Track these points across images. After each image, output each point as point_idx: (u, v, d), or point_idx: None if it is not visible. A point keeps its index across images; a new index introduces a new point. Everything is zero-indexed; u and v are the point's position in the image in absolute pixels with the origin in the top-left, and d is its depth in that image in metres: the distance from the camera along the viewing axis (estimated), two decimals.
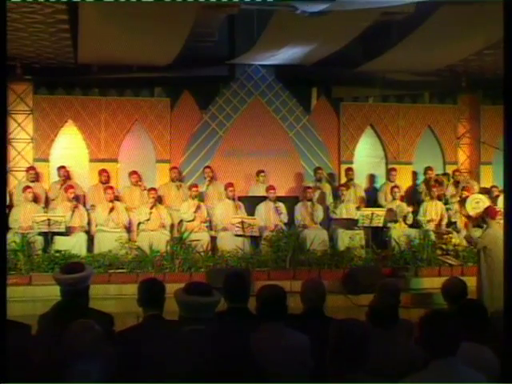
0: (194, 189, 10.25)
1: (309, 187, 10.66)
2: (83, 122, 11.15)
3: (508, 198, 2.59)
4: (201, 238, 9.64)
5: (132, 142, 11.37)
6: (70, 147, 11.22)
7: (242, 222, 9.62)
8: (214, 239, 9.91)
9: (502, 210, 9.48)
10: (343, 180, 11.48)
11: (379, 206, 10.90)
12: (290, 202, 10.53)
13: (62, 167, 10.66)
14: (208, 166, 10.98)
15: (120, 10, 7.83)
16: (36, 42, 9.41)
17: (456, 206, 10.83)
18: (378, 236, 10.32)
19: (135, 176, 10.69)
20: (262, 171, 11.01)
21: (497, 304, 6.45)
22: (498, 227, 8.36)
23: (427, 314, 2.91)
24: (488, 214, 8.28)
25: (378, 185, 11.88)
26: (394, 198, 10.80)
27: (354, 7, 7.70)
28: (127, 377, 2.96)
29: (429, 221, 10.49)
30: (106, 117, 11.23)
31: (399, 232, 10.18)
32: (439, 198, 10.88)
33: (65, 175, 10.57)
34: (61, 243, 9.31)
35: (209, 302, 3.02)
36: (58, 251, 9.09)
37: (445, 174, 11.99)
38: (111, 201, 9.93)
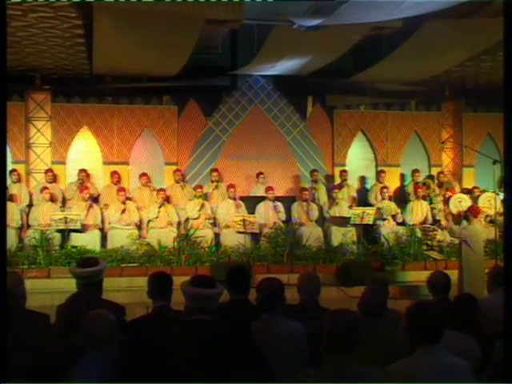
0: (198, 189, 10.27)
1: (305, 188, 10.66)
2: (97, 127, 11.16)
3: (508, 197, 2.51)
4: (205, 234, 9.64)
5: (142, 147, 11.37)
6: (85, 151, 11.22)
7: (244, 220, 9.62)
8: (217, 236, 9.90)
9: (483, 209, 9.56)
10: (337, 181, 11.47)
11: (369, 205, 10.91)
12: (288, 201, 10.53)
13: (83, 170, 10.63)
14: (215, 169, 10.94)
15: (131, 25, 7.85)
16: (54, 54, 9.43)
17: (440, 205, 10.85)
18: (368, 233, 10.30)
19: (145, 177, 10.70)
20: (262, 173, 11.01)
21: (476, 294, 6.46)
22: (478, 224, 8.40)
23: (413, 305, 2.92)
24: (472, 212, 8.32)
25: (368, 186, 11.88)
26: (383, 198, 10.79)
27: (346, 22, 7.71)
28: (138, 363, 2.97)
29: (415, 219, 10.49)
30: (118, 123, 11.23)
31: (388, 229, 10.18)
32: (424, 198, 10.88)
33: (84, 177, 10.55)
34: (76, 239, 9.31)
35: (212, 293, 3.03)
36: (74, 247, 9.11)
37: (430, 176, 12.00)
38: (123, 202, 9.92)
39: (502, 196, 10.84)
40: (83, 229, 9.52)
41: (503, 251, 2.45)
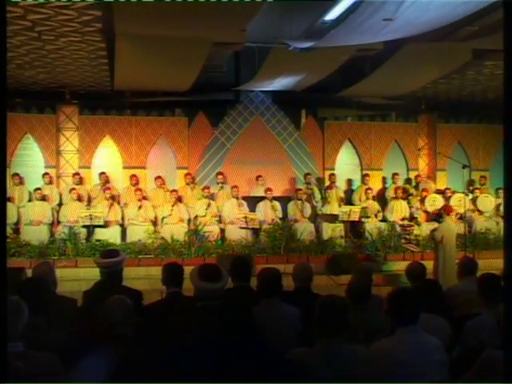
0: (206, 190, 10.25)
1: (299, 189, 10.65)
2: (118, 136, 11.17)
3: (508, 198, 2.35)
4: (212, 230, 9.63)
5: (157, 153, 11.37)
6: (108, 157, 11.22)
7: (245, 217, 9.62)
8: (222, 231, 9.90)
9: (454, 207, 9.55)
10: (327, 183, 11.46)
11: (353, 204, 10.90)
12: (284, 201, 10.52)
13: (103, 173, 10.65)
14: (221, 173, 10.93)
15: (148, 47, 7.85)
16: (81, 73, 9.43)
17: (417, 204, 10.84)
18: (354, 228, 10.30)
19: (160, 180, 10.71)
20: (261, 176, 11.00)
21: (449, 281, 6.46)
22: (450, 221, 8.40)
23: (394, 291, 2.92)
24: (445, 210, 8.31)
25: (354, 187, 11.87)
26: (367, 198, 10.79)
27: (335, 45, 7.72)
28: (152, 343, 2.96)
29: (395, 216, 10.47)
30: (136, 132, 11.24)
31: (372, 225, 10.16)
32: (403, 198, 10.87)
33: (105, 179, 10.58)
34: (100, 234, 9.32)
35: (216, 287, 3.02)
36: (97, 240, 9.12)
37: (408, 179, 12.00)
38: (140, 200, 9.93)
39: (470, 196, 10.86)
40: (106, 225, 9.53)
41: (504, 251, 2.29)
